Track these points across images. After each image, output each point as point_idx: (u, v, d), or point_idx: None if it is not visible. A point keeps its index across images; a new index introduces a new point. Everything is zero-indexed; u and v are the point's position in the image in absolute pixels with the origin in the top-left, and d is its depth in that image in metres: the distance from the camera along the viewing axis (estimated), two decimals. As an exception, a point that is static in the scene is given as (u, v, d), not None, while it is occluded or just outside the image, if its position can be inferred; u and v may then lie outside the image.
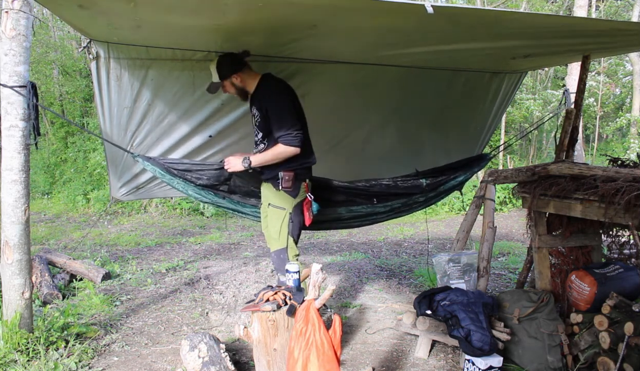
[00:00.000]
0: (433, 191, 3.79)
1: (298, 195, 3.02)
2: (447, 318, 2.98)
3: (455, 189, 3.98)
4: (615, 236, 3.34)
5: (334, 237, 7.34)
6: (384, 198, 3.66)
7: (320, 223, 3.58)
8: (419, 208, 3.93)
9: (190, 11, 2.36)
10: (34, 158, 11.53)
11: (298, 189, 3.01)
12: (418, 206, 3.87)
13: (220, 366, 2.64)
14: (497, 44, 2.99)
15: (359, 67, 3.46)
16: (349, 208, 3.60)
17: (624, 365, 2.48)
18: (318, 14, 2.38)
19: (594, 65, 13.19)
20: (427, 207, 4.02)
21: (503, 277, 5.05)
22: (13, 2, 2.72)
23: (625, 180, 2.38)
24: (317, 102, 3.61)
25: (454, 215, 9.41)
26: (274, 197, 3.05)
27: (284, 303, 2.62)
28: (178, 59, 3.11)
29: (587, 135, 15.50)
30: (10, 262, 2.93)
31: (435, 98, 3.96)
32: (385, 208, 3.70)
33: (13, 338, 2.88)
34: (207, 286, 4.68)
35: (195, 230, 8.04)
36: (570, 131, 3.44)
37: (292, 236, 3.06)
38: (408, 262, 5.71)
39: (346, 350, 3.22)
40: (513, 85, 4.14)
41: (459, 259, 3.52)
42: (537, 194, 2.98)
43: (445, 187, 3.86)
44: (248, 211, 3.50)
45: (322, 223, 3.62)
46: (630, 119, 12.45)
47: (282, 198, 3.02)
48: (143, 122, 3.31)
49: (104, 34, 2.80)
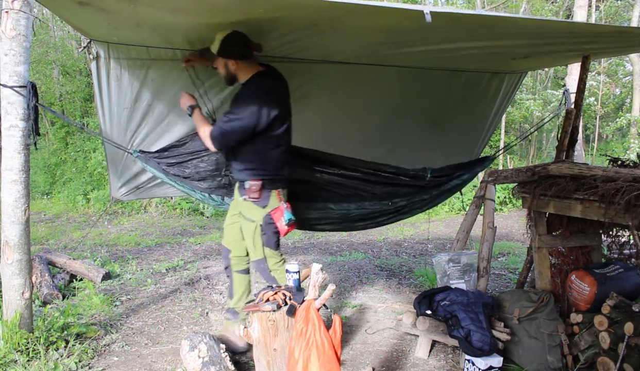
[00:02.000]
0: (437, 189, 3.77)
1: (268, 205, 2.84)
2: (447, 318, 2.98)
3: (459, 189, 3.96)
4: (615, 236, 3.34)
5: (334, 237, 7.34)
6: (388, 187, 3.58)
7: (325, 223, 3.58)
8: (424, 207, 3.89)
9: (189, 11, 2.36)
10: (34, 158, 11.52)
11: (267, 199, 2.82)
12: (422, 205, 3.84)
13: (220, 366, 2.64)
14: (497, 44, 2.99)
15: (359, 67, 3.46)
16: (356, 203, 3.53)
17: (624, 365, 2.48)
18: (319, 15, 2.38)
19: (594, 65, 13.19)
20: (431, 207, 4.00)
21: (503, 276, 5.05)
22: (13, 2, 2.72)
23: (625, 180, 2.38)
24: (317, 102, 3.61)
25: (454, 215, 9.41)
26: (243, 206, 2.92)
27: (284, 303, 2.62)
28: (178, 59, 3.11)
29: (587, 135, 15.51)
30: (10, 262, 2.93)
31: (435, 99, 3.96)
32: (390, 206, 3.63)
33: (13, 338, 2.88)
34: (207, 286, 4.68)
35: (195, 230, 8.04)
36: (570, 131, 3.44)
37: (267, 246, 2.92)
38: (408, 262, 5.71)
39: (346, 350, 3.22)
40: (513, 85, 4.14)
41: (459, 259, 3.52)
42: (537, 194, 2.98)
43: (449, 185, 3.83)
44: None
45: (327, 222, 3.61)
46: (630, 119, 12.46)
47: (251, 209, 2.87)
48: (143, 122, 3.31)
49: (104, 34, 2.81)
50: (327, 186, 3.45)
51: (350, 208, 3.55)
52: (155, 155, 3.32)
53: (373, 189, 3.55)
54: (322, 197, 3.47)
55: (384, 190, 3.58)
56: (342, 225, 3.78)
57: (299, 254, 6.25)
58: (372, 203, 3.57)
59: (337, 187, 3.48)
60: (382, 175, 3.56)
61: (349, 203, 3.53)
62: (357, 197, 3.54)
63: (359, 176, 3.51)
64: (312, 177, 3.43)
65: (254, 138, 2.79)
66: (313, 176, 3.43)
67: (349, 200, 3.52)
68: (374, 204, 3.58)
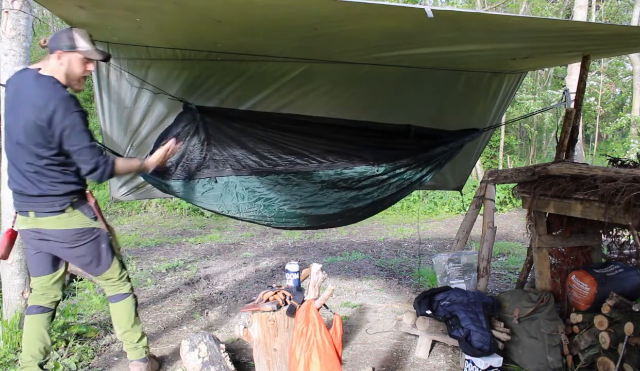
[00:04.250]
0: (423, 153, 3.78)
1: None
2: (447, 318, 2.98)
3: (446, 157, 3.93)
4: (615, 236, 3.34)
5: (334, 237, 7.34)
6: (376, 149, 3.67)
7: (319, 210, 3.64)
8: (413, 178, 3.87)
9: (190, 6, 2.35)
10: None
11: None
12: (411, 175, 3.83)
13: (220, 366, 2.64)
14: (497, 44, 2.99)
15: (359, 67, 3.46)
16: (344, 167, 3.63)
17: (624, 365, 2.48)
18: (319, 18, 2.38)
19: (594, 65, 13.20)
20: (421, 182, 3.92)
21: (503, 276, 5.05)
22: (13, 2, 2.73)
23: (625, 180, 2.38)
24: (317, 102, 3.61)
25: (454, 215, 9.42)
26: None
27: (284, 303, 2.62)
28: (178, 59, 3.11)
29: (587, 135, 15.51)
30: (10, 262, 2.93)
31: (435, 99, 3.96)
32: (378, 173, 3.70)
33: (13, 338, 2.89)
34: (207, 286, 4.68)
35: (195, 230, 8.04)
36: (570, 131, 3.44)
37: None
38: (408, 262, 5.71)
39: (346, 350, 3.22)
40: (513, 85, 4.14)
41: (459, 259, 3.52)
42: (537, 194, 2.98)
43: (436, 151, 3.82)
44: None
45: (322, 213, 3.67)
46: (630, 119, 12.47)
47: None
48: (143, 122, 3.31)
49: (104, 34, 2.80)
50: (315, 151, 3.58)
51: (342, 172, 3.62)
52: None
53: (360, 152, 3.63)
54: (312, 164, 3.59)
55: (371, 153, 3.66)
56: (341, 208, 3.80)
57: (299, 254, 6.25)
58: (361, 167, 3.63)
59: (326, 154, 3.59)
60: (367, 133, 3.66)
61: (339, 169, 3.60)
62: (345, 159, 3.60)
63: (344, 138, 3.62)
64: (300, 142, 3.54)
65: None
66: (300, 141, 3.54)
67: (337, 166, 3.60)
68: (362, 168, 3.64)
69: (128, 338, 2.68)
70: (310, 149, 3.57)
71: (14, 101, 2.35)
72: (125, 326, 2.66)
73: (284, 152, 3.52)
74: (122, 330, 2.68)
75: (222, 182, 3.41)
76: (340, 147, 3.64)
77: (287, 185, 3.55)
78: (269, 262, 5.72)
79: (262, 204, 3.54)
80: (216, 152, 3.35)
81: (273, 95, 3.47)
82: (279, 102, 3.51)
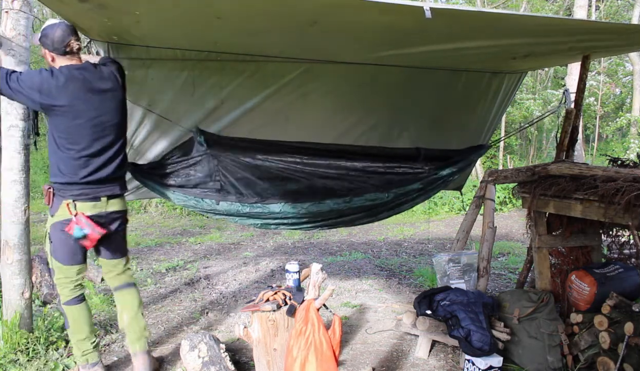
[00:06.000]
0: (431, 175, 3.76)
1: (55, 215, 2.58)
2: (447, 318, 2.98)
3: (453, 177, 3.94)
4: (615, 236, 3.34)
5: (334, 237, 7.34)
6: (379, 160, 3.66)
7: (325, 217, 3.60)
8: (418, 198, 3.87)
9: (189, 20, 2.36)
10: (34, 158, 11.49)
11: (57, 209, 2.58)
12: (416, 196, 3.83)
13: (220, 366, 2.64)
14: (498, 43, 2.98)
15: (359, 67, 3.46)
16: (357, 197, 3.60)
17: (624, 365, 2.48)
18: (318, 11, 2.37)
19: (594, 65, 13.19)
20: (426, 198, 3.96)
21: (503, 276, 5.05)
22: (13, 2, 2.73)
23: (625, 180, 2.39)
24: (317, 102, 3.61)
25: (454, 215, 9.41)
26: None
27: (284, 303, 2.62)
28: (178, 59, 3.11)
29: (587, 135, 15.51)
30: (11, 262, 2.93)
31: (434, 99, 3.96)
32: (388, 198, 3.66)
33: (13, 338, 2.89)
34: (207, 286, 4.68)
35: (195, 230, 8.04)
36: (570, 131, 3.44)
37: (54, 258, 2.64)
38: (408, 262, 5.71)
39: (346, 350, 3.22)
40: (513, 85, 4.14)
41: (459, 259, 3.52)
42: (537, 194, 2.98)
43: (444, 172, 3.81)
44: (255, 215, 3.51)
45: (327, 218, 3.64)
46: (630, 119, 12.46)
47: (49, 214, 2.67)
48: (143, 122, 3.31)
49: (104, 34, 2.80)
50: (320, 181, 3.55)
51: (351, 200, 3.61)
52: (146, 169, 3.35)
53: (370, 180, 3.62)
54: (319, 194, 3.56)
55: (381, 180, 3.64)
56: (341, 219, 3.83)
57: (299, 254, 6.25)
58: (370, 195, 3.62)
59: (333, 181, 3.57)
60: (375, 162, 3.65)
61: (348, 197, 3.59)
62: (354, 189, 3.59)
63: (355, 166, 3.62)
64: (303, 174, 3.52)
65: (51, 137, 2.64)
66: (304, 172, 3.52)
67: (345, 195, 3.59)
68: (372, 196, 3.63)
69: (137, 323, 2.75)
70: (317, 180, 3.58)
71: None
72: (137, 310, 2.78)
73: (292, 183, 3.55)
74: (132, 313, 2.77)
75: (226, 204, 3.45)
76: (350, 177, 3.63)
77: (294, 209, 3.58)
78: (269, 261, 5.72)
79: (264, 222, 3.68)
80: (222, 178, 3.39)
81: (273, 95, 3.46)
82: (279, 102, 3.50)
